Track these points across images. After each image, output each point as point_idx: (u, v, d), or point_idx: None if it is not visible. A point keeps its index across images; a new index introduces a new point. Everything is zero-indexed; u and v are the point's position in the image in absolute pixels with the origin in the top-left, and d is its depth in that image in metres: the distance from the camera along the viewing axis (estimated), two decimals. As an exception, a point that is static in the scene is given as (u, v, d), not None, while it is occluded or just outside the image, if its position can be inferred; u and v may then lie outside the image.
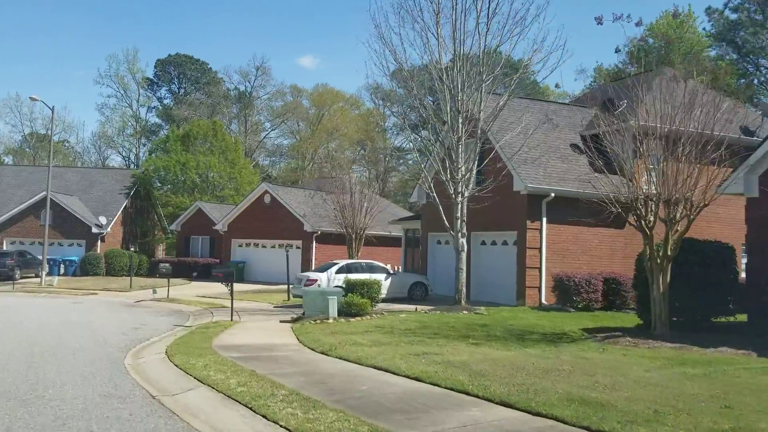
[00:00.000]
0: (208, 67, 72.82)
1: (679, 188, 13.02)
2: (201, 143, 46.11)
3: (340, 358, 10.76)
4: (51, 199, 35.52)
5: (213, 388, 8.69)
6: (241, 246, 35.89)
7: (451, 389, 8.23)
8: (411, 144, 67.21)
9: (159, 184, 46.97)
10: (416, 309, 19.29)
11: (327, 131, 61.35)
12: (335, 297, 16.75)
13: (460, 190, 19.23)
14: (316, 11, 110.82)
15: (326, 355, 11.24)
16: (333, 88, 65.42)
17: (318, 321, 16.33)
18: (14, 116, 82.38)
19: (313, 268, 32.26)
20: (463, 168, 19.40)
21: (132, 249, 34.41)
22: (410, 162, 65.21)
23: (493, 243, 22.73)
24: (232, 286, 17.99)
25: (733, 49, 44.51)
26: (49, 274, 35.83)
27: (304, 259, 32.57)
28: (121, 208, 43.99)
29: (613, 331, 14.38)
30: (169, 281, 26.44)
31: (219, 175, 44.57)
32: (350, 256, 28.65)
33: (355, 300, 17.00)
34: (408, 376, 9.09)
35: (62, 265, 39.75)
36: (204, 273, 37.09)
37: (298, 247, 33.40)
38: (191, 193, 45.16)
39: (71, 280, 36.10)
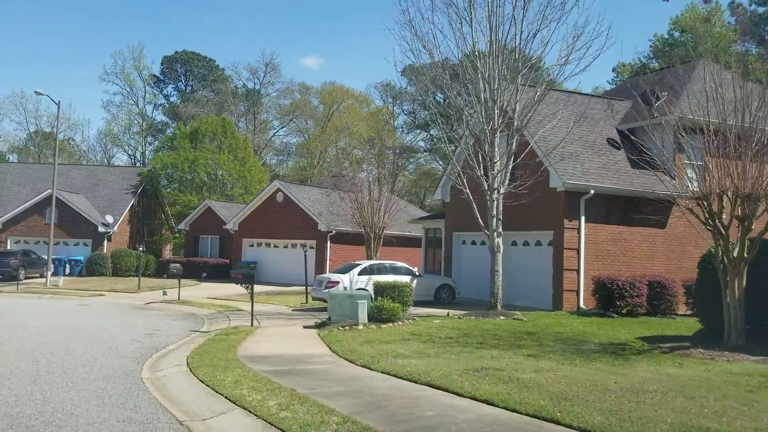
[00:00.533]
0: (216, 64, 71.66)
1: (764, 184, 11.61)
2: (210, 140, 44.87)
3: (387, 374, 9.47)
4: (56, 197, 34.32)
5: (250, 411, 7.41)
6: (252, 246, 34.63)
7: (535, 417, 6.93)
8: (423, 142, 65.99)
9: (166, 183, 45.76)
10: (448, 314, 17.99)
11: (336, 129, 60.06)
12: (365, 301, 15.47)
13: (495, 186, 17.91)
14: (319, 11, 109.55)
15: (369, 369, 9.95)
16: (342, 85, 64.16)
17: (347, 327, 15.05)
18: (19, 114, 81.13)
19: (327, 268, 30.99)
20: (498, 162, 18.08)
21: (140, 249, 33.20)
22: (421, 161, 63.96)
23: (525, 243, 21.41)
24: (252, 288, 16.73)
25: (757, 43, 43.10)
26: (55, 274, 34.64)
27: (318, 260, 31.29)
28: (128, 207, 42.79)
29: (676, 340, 13.06)
30: (179, 282, 25.18)
31: (228, 173, 43.31)
32: (368, 257, 27.37)
33: (386, 304, 15.71)
34: (475, 398, 7.79)
35: (68, 265, 38.56)
36: (214, 273, 35.85)
37: (311, 247, 32.12)
38: (199, 192, 43.93)
39: (77, 280, 34.91)
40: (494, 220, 17.84)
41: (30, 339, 13.88)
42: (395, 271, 21.46)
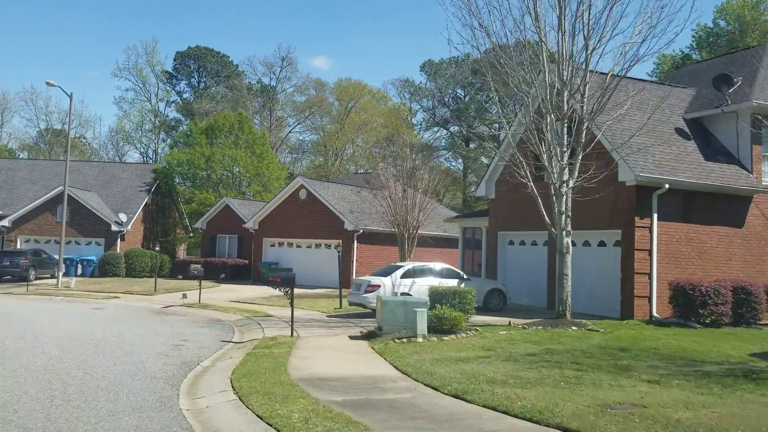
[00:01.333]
0: (229, 60, 69.84)
1: None
2: (226, 136, 43.00)
3: (494, 409, 7.45)
4: (68, 194, 32.55)
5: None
6: (273, 245, 32.71)
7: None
8: (443, 140, 63.91)
9: (181, 180, 43.93)
10: (510, 323, 15.98)
11: (354, 125, 58.01)
12: (424, 310, 13.48)
13: (565, 178, 15.86)
14: (326, 11, 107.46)
15: (465, 401, 7.94)
16: (359, 81, 62.00)
17: (404, 340, 13.07)
18: (29, 110, 79.60)
19: (354, 270, 29.04)
20: (567, 153, 16.03)
21: (156, 248, 31.40)
22: (441, 160, 61.92)
23: (586, 244, 19.34)
24: (292, 293, 14.78)
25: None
26: (66, 274, 32.86)
27: (344, 261, 29.30)
28: (142, 205, 41.00)
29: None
30: (200, 284, 23.28)
31: (246, 169, 41.40)
32: (402, 258, 25.39)
33: (447, 313, 13.72)
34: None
35: (79, 265, 36.78)
36: (232, 275, 33.96)
37: (337, 247, 30.15)
38: (216, 190, 42.07)
39: (89, 281, 33.11)
40: (563, 217, 15.80)
41: (41, 352, 11.98)
42: (440, 273, 19.46)
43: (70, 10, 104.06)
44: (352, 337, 14.26)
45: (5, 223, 37.87)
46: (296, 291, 28.72)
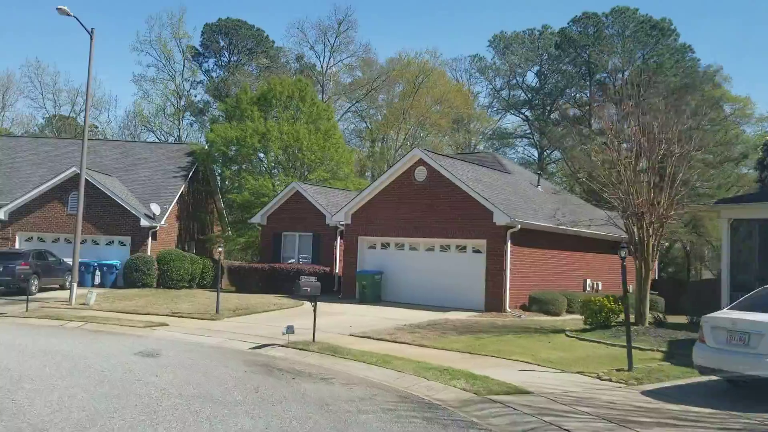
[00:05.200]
0: (265, 35, 60.71)
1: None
2: (284, 108, 33.73)
3: None
4: (85, 178, 23.33)
5: None
6: (373, 247, 23.34)
7: None
8: (526, 125, 54.53)
9: (226, 163, 34.61)
10: None
11: (421, 108, 48.49)
12: None
13: None
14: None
15: None
16: (425, 60, 52.10)
17: None
18: (35, 88, 68.78)
19: (507, 286, 19.73)
20: None
21: (219, 248, 21.94)
22: (519, 148, 52.64)
23: None
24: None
25: None
26: (80, 284, 23.66)
27: (490, 270, 20.00)
28: (178, 194, 31.80)
29: None
30: (315, 308, 13.93)
31: (311, 150, 32.10)
32: (640, 273, 15.96)
33: None
34: None
35: (98, 272, 27.61)
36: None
37: (477, 251, 20.87)
38: (273, 176, 32.80)
39: (114, 294, 23.86)
40: None
41: None
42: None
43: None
44: None
45: (0, 215, 28.68)
46: (422, 314, 19.40)
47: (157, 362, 11.45)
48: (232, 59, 61.05)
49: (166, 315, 19.26)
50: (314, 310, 13.97)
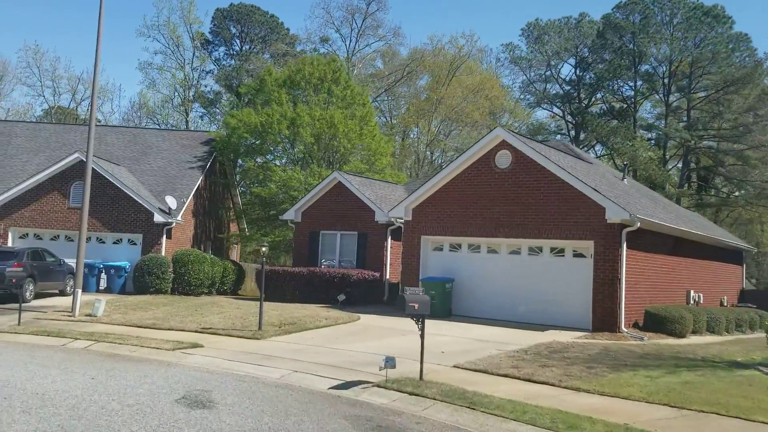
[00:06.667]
0: (280, 22, 56.75)
1: None
2: (315, 91, 29.72)
3: None
4: (91, 166, 19.29)
5: None
6: (439, 249, 19.35)
7: None
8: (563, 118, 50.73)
9: (246, 153, 30.53)
10: None
11: (451, 102, 44.47)
12: None
13: None
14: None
15: None
16: (459, 44, 47.95)
17: None
18: (33, 74, 63.84)
19: (623, 301, 15.79)
20: None
21: (263, 248, 17.55)
22: (555, 137, 48.72)
23: None
24: None
25: None
26: (84, 288, 19.52)
27: (601, 279, 16.03)
28: (195, 187, 27.82)
29: None
30: (423, 329, 9.95)
31: (347, 138, 28.10)
32: None
33: None
34: None
35: (104, 275, 23.65)
36: (358, 296, 20.72)
37: (579, 254, 16.91)
38: (305, 167, 28.75)
39: (123, 302, 19.78)
40: None
41: None
42: None
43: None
44: None
45: (-10, 207, 24.68)
46: (521, 336, 15.25)
47: (217, 420, 7.48)
48: (243, 48, 57.14)
49: (195, 331, 15.28)
50: (421, 336, 9.97)
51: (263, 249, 15.37)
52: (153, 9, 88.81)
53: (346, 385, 9.72)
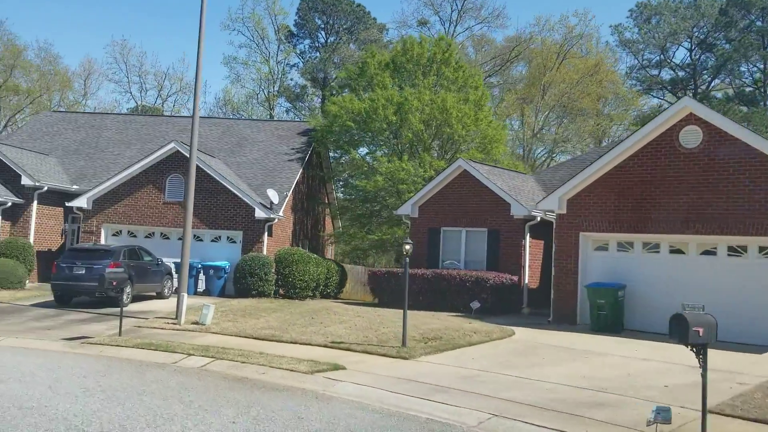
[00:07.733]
0: (367, 12, 54.25)
1: None
2: (424, 74, 26.76)
3: None
4: (195, 159, 16.94)
5: None
6: (602, 248, 15.93)
7: None
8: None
9: (349, 142, 27.87)
10: None
11: (560, 88, 40.60)
12: None
13: None
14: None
15: None
16: (570, 23, 43.81)
17: None
18: (119, 70, 63.76)
19: None
20: None
21: (406, 246, 14.67)
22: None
23: None
24: None
25: None
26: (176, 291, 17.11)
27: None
28: (295, 180, 25.43)
29: None
30: (705, 357, 6.78)
31: (462, 124, 25.02)
32: None
33: None
34: None
35: (202, 276, 21.55)
36: (492, 304, 17.58)
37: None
38: (412, 158, 25.83)
39: (228, 306, 17.24)
40: None
41: None
42: None
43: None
44: None
45: (81, 203, 22.94)
46: (750, 362, 10.99)
47: None
48: (329, 40, 55.01)
49: (325, 346, 12.59)
50: (703, 374, 6.74)
51: (407, 247, 12.48)
52: (238, 1, 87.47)
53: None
